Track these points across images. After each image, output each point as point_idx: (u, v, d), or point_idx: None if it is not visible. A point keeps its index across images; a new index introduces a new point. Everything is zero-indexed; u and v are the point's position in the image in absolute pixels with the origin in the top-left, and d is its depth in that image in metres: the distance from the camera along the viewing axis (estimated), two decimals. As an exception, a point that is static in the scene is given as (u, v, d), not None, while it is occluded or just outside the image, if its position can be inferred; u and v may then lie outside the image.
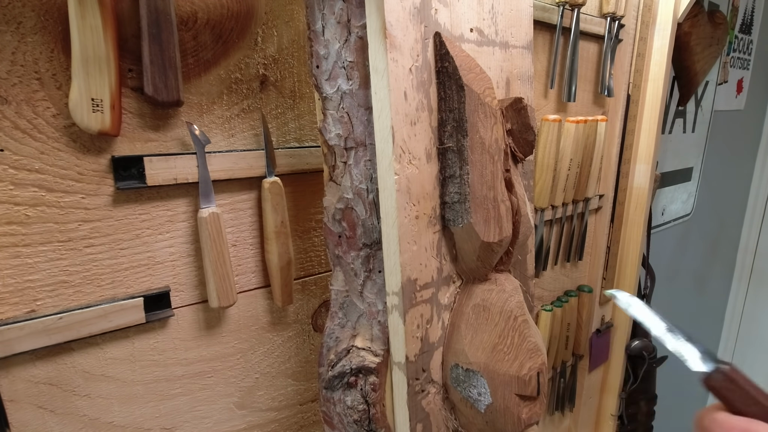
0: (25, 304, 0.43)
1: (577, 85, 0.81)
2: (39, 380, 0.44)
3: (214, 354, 0.55)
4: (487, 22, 0.46)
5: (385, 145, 0.38)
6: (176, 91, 0.45)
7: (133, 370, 0.49)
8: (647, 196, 0.94)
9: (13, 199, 0.41)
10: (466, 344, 0.43)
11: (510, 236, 0.45)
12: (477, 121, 0.41)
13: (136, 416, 0.50)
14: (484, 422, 0.44)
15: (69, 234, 0.44)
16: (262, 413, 0.60)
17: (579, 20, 0.77)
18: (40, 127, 0.41)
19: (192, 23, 0.47)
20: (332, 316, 0.47)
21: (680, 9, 0.87)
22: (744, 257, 2.18)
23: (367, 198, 0.42)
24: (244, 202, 0.54)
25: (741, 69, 1.72)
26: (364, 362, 0.44)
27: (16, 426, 0.43)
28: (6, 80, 0.39)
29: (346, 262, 0.44)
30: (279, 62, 0.53)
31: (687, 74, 1.23)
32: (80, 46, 0.39)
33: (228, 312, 0.55)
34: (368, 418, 0.45)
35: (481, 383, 0.43)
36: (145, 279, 0.49)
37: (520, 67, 0.51)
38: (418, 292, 0.41)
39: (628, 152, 0.94)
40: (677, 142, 1.44)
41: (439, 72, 0.41)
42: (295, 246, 0.58)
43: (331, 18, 0.40)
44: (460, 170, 0.41)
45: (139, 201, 0.47)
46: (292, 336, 0.61)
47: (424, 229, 0.41)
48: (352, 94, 0.41)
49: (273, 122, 0.54)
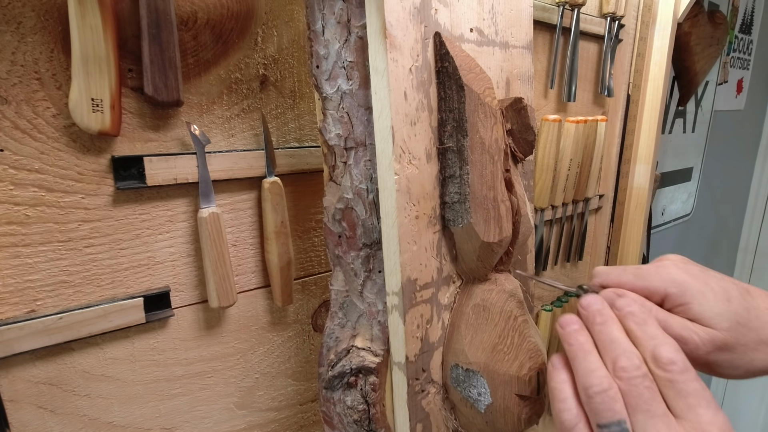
0: (25, 304, 0.43)
1: (577, 85, 0.81)
2: (39, 380, 0.44)
3: (214, 354, 0.55)
4: (487, 22, 0.46)
5: (385, 145, 0.38)
6: (176, 91, 0.45)
7: (133, 370, 0.49)
8: (647, 196, 0.94)
9: (13, 199, 0.41)
10: (466, 344, 0.43)
11: (510, 236, 0.45)
12: (477, 121, 0.41)
13: (136, 416, 0.50)
14: (484, 422, 0.44)
15: (69, 234, 0.44)
16: (262, 413, 0.60)
17: (579, 20, 0.77)
18: (40, 127, 0.41)
19: (192, 23, 0.47)
20: (332, 316, 0.47)
21: (680, 9, 0.87)
22: (744, 257, 2.18)
23: (367, 198, 0.42)
24: (244, 202, 0.54)
25: (741, 69, 1.72)
26: (364, 362, 0.44)
27: (16, 426, 0.43)
28: (6, 80, 0.39)
29: (346, 262, 0.44)
30: (279, 62, 0.53)
31: (687, 74, 1.23)
32: (80, 46, 0.39)
33: (228, 312, 0.55)
34: (368, 418, 0.45)
35: (481, 383, 0.43)
36: (145, 279, 0.49)
37: (520, 67, 0.51)
38: (418, 292, 0.41)
39: (628, 152, 0.94)
40: (677, 142, 1.44)
41: (439, 72, 0.41)
42: (295, 246, 0.58)
43: (331, 18, 0.40)
44: (460, 170, 0.41)
45: (139, 201, 0.47)
46: (292, 336, 0.61)
47: (424, 229, 0.41)
48: (352, 94, 0.41)
49: (273, 122, 0.54)
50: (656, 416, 0.28)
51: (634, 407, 0.29)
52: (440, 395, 0.45)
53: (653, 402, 0.29)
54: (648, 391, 0.29)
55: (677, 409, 0.29)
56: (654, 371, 0.30)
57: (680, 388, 0.29)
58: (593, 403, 0.30)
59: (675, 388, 0.29)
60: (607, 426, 0.30)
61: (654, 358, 0.30)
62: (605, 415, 0.30)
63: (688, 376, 0.29)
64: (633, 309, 0.33)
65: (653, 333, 0.31)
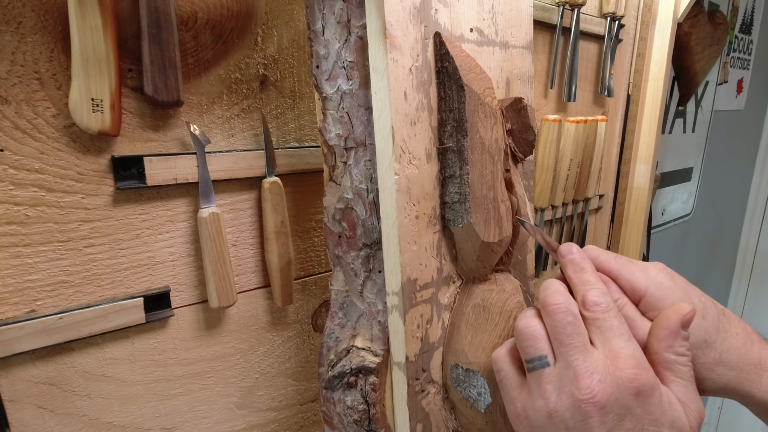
0: (25, 304, 0.43)
1: (577, 85, 0.81)
2: (39, 380, 0.44)
3: (214, 354, 0.55)
4: (487, 22, 0.46)
5: (385, 145, 0.38)
6: (176, 91, 0.45)
7: (133, 370, 0.49)
8: (647, 196, 0.94)
9: (13, 199, 0.41)
10: (466, 344, 0.43)
11: (510, 236, 0.45)
12: (477, 121, 0.41)
13: (136, 416, 0.50)
14: (484, 422, 0.44)
15: (69, 234, 0.44)
16: (262, 413, 0.60)
17: (579, 20, 0.77)
18: (40, 127, 0.41)
19: (192, 23, 0.47)
20: (332, 316, 0.47)
21: (680, 9, 0.87)
22: (744, 257, 2.18)
23: (367, 198, 0.42)
24: (244, 202, 0.54)
25: (741, 69, 1.72)
26: (364, 362, 0.44)
27: (16, 426, 0.43)
28: (6, 80, 0.39)
29: (346, 262, 0.44)
30: (279, 62, 0.53)
31: (687, 74, 1.23)
32: (80, 46, 0.39)
33: (228, 312, 0.55)
34: (368, 418, 0.45)
35: (481, 383, 0.43)
36: (145, 279, 0.49)
37: (520, 67, 0.51)
38: (418, 292, 0.41)
39: (628, 152, 0.94)
40: (677, 142, 1.44)
41: (439, 72, 0.41)
42: (295, 246, 0.58)
43: (331, 18, 0.40)
44: (460, 170, 0.41)
45: (139, 201, 0.47)
46: (292, 336, 0.61)
47: (424, 229, 0.41)
48: (352, 94, 0.41)
49: (273, 122, 0.54)
50: (576, 347, 0.32)
51: (558, 342, 0.32)
52: (440, 395, 0.45)
53: (575, 336, 0.32)
54: (570, 326, 0.32)
55: (597, 342, 0.32)
56: (583, 313, 0.33)
57: (600, 325, 0.32)
58: (519, 341, 0.34)
59: (596, 324, 0.33)
60: (530, 361, 0.33)
61: (583, 301, 0.33)
62: (528, 351, 0.34)
63: (609, 315, 0.33)
64: (574, 257, 0.36)
65: (586, 279, 0.35)
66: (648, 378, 0.31)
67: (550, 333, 0.33)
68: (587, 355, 0.31)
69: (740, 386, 0.37)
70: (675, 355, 0.32)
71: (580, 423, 0.30)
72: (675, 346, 0.32)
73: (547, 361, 0.33)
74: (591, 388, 0.30)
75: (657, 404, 0.31)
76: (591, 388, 0.30)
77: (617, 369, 0.30)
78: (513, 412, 0.35)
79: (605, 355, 0.31)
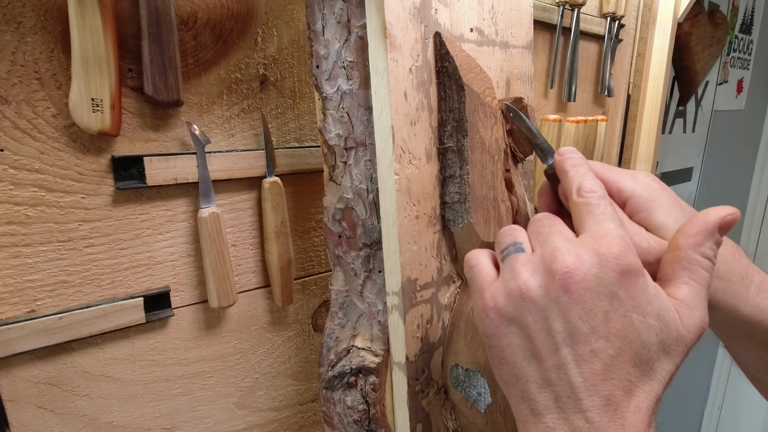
0: (25, 304, 0.43)
1: (577, 85, 0.81)
2: (39, 380, 0.44)
3: (214, 354, 0.55)
4: (487, 22, 0.46)
5: (385, 145, 0.38)
6: (176, 91, 0.45)
7: (133, 370, 0.49)
8: (647, 196, 0.94)
9: (13, 199, 0.41)
10: (466, 344, 0.43)
11: (510, 236, 0.45)
12: (477, 121, 0.41)
13: (136, 416, 0.50)
14: (484, 422, 0.44)
15: (69, 234, 0.44)
16: (262, 413, 0.60)
17: (579, 20, 0.77)
18: (40, 127, 0.41)
19: (192, 23, 0.47)
20: (332, 316, 0.47)
21: (680, 9, 0.87)
22: (744, 257, 2.18)
23: (367, 198, 0.42)
24: (244, 202, 0.54)
25: (741, 69, 1.72)
26: (364, 362, 0.44)
27: (16, 426, 0.43)
28: (6, 80, 0.39)
29: (346, 262, 0.44)
30: (279, 62, 0.53)
31: (687, 74, 1.23)
32: (80, 46, 0.39)
33: (228, 312, 0.55)
34: (368, 418, 0.45)
35: (481, 383, 0.43)
36: (145, 279, 0.49)
37: (520, 67, 0.51)
38: (418, 292, 0.41)
39: (629, 152, 0.94)
40: (677, 142, 1.44)
41: (439, 72, 0.41)
42: (295, 246, 0.58)
43: (331, 18, 0.40)
44: (460, 170, 0.41)
45: (139, 201, 0.47)
46: (292, 336, 0.61)
47: (424, 229, 0.41)
48: (352, 94, 0.41)
49: (273, 122, 0.54)
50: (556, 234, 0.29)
51: (537, 233, 0.30)
52: (440, 395, 0.45)
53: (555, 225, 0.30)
54: (548, 219, 0.31)
55: (587, 225, 0.30)
56: (576, 201, 0.31)
57: (593, 210, 0.30)
58: (497, 241, 0.32)
59: (589, 209, 0.30)
60: (505, 249, 0.31)
61: (578, 189, 0.31)
62: (504, 241, 0.31)
63: (604, 202, 0.30)
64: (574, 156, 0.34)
65: (583, 172, 0.33)
66: (635, 260, 0.27)
67: (530, 231, 0.31)
68: (569, 237, 0.29)
69: (726, 298, 0.35)
70: (700, 256, 0.28)
71: (553, 302, 0.27)
72: (703, 246, 0.28)
73: (522, 247, 0.30)
74: (570, 262, 0.27)
75: (642, 291, 0.27)
76: (570, 262, 0.27)
77: (602, 245, 0.27)
78: (481, 305, 0.30)
79: (592, 234, 0.28)
